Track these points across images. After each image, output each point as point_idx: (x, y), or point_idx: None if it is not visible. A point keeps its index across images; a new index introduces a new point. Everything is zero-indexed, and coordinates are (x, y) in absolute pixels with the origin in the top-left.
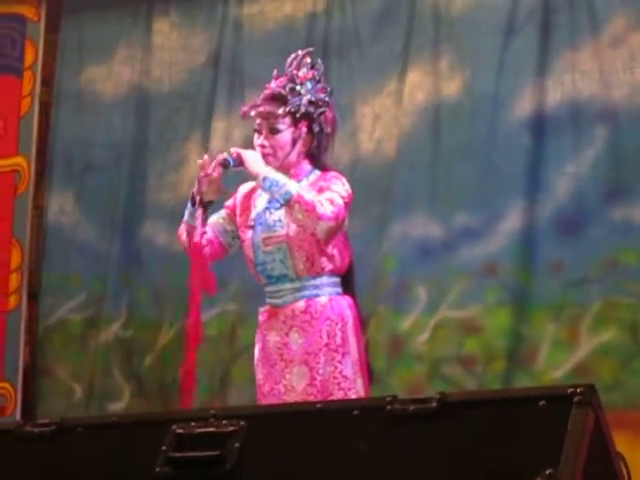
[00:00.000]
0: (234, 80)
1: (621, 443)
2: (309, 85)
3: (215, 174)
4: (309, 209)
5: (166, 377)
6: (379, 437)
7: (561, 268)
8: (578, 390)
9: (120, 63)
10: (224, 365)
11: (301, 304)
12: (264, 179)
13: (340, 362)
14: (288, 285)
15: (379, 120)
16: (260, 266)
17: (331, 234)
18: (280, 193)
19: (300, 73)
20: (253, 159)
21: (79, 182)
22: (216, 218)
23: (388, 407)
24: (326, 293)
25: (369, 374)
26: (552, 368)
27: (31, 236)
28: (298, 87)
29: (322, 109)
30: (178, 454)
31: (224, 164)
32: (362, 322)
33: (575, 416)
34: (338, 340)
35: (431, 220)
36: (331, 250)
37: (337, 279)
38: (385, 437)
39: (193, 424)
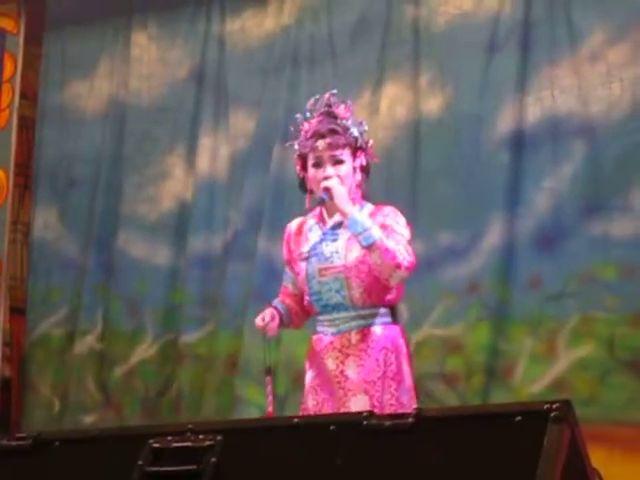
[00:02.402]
0: (219, 98)
1: (597, 458)
2: (352, 120)
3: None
4: (389, 257)
5: (149, 390)
6: (356, 452)
7: (539, 283)
8: (554, 406)
9: (102, 77)
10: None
11: (356, 333)
12: (350, 219)
13: (397, 389)
14: (344, 314)
15: None
16: (315, 295)
17: (402, 281)
18: (364, 236)
19: (339, 111)
20: (341, 195)
21: (63, 197)
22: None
23: (365, 422)
24: (380, 322)
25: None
26: (529, 383)
27: (10, 251)
28: (344, 122)
29: (368, 142)
30: (154, 468)
31: (321, 201)
32: (410, 350)
33: (551, 432)
34: (394, 368)
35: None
36: None
37: (389, 309)
38: (362, 452)
39: (170, 438)
